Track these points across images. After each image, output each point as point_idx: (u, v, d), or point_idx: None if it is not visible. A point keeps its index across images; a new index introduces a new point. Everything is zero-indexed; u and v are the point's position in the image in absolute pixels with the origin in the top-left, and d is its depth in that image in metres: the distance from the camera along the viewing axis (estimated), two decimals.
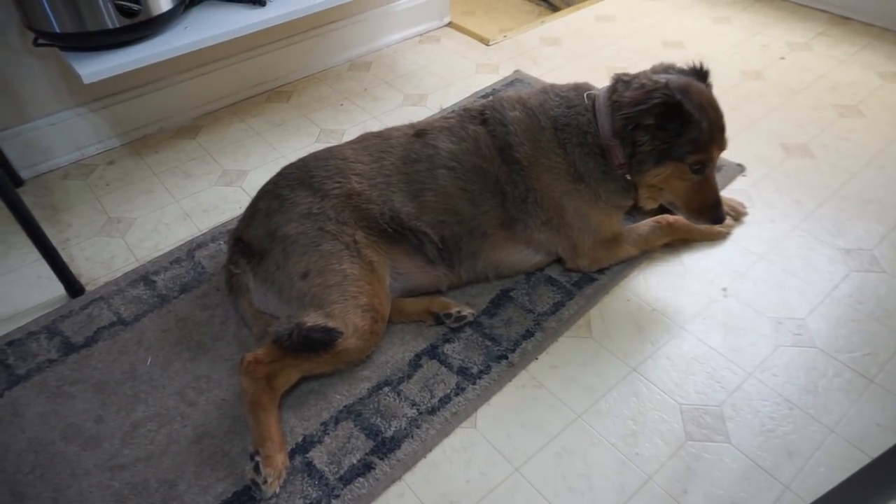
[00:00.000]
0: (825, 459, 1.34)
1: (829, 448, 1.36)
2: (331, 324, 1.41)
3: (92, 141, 2.28)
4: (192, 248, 1.87)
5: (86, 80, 1.67)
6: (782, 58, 2.62)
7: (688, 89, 1.46)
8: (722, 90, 2.42)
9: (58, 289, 1.77)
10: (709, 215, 1.55)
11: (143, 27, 1.75)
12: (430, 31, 2.96)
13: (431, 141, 1.61)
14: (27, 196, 2.08)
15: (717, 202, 1.54)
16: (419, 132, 1.65)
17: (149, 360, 1.58)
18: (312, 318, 1.42)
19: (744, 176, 2.06)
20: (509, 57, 2.74)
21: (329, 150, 1.66)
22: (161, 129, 2.40)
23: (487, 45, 2.84)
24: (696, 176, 1.49)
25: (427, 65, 2.73)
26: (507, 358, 1.54)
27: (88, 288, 1.79)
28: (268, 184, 1.64)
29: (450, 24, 3.00)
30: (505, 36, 2.89)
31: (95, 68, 1.68)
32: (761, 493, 1.29)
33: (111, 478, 1.35)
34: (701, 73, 1.57)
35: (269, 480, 1.29)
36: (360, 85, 2.61)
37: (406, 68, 2.71)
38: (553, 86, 1.67)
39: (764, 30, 2.82)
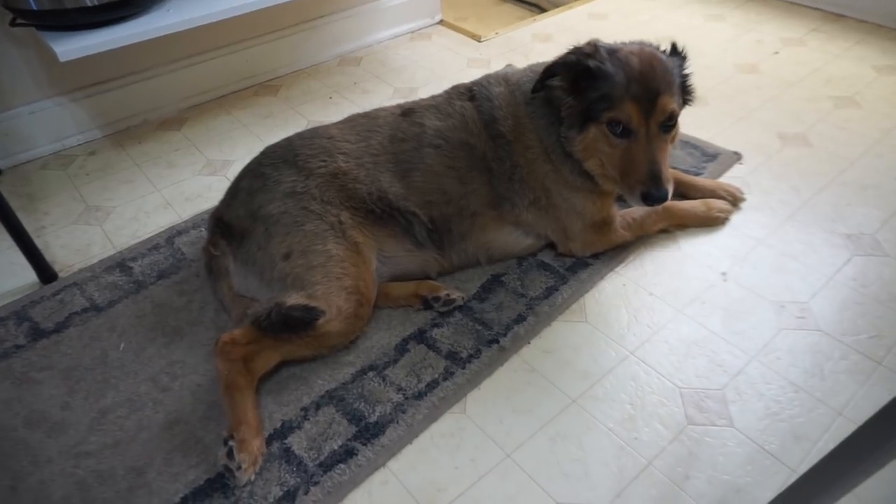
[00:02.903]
0: (834, 443, 1.23)
1: (837, 431, 1.29)
2: (312, 304, 1.34)
3: (73, 132, 2.22)
4: (171, 235, 1.80)
5: (61, 58, 1.62)
6: (776, 52, 2.60)
7: (617, 49, 1.39)
8: (716, 82, 2.40)
9: (30, 276, 1.69)
10: (640, 188, 1.35)
11: (122, 6, 1.71)
12: (421, 28, 2.94)
13: (418, 119, 1.56)
14: (3, 186, 2.01)
15: (651, 175, 1.34)
16: (406, 111, 1.60)
17: (121, 346, 1.50)
18: (294, 299, 1.35)
19: (740, 164, 2.01)
20: (501, 52, 2.71)
21: (315, 129, 1.61)
22: (145, 120, 2.35)
23: (479, 41, 2.81)
24: (621, 140, 1.37)
25: (418, 60, 2.69)
26: (498, 342, 1.47)
27: (62, 275, 1.71)
28: (251, 163, 1.58)
29: (441, 23, 2.98)
30: (497, 33, 2.86)
31: (72, 46, 1.63)
32: (768, 478, 1.22)
33: (75, 465, 1.26)
34: (670, 49, 1.47)
35: (244, 467, 1.20)
36: (350, 79, 2.57)
37: (397, 63, 2.68)
38: (539, 63, 1.63)
39: (757, 27, 2.81)
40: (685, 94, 1.45)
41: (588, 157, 1.45)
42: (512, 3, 3.92)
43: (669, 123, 1.38)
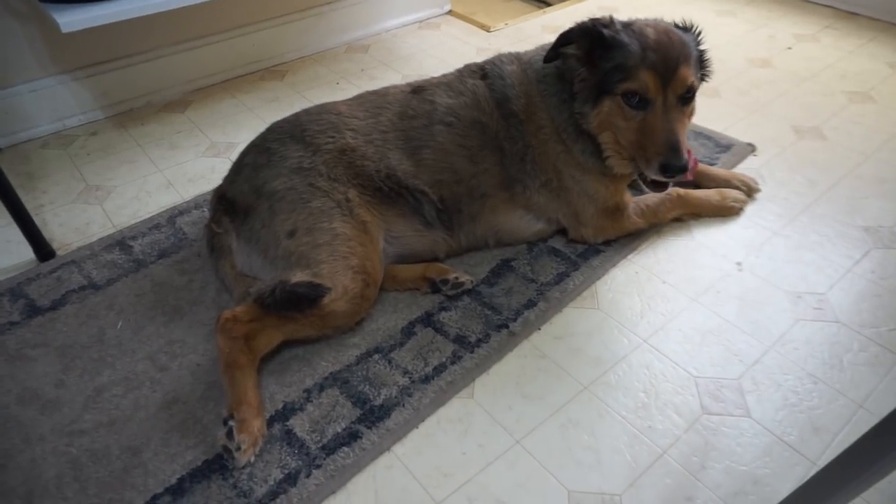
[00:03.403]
0: (855, 435, 1.20)
1: (858, 424, 1.24)
2: (317, 281, 1.30)
3: (74, 111, 2.18)
4: (173, 215, 1.76)
5: (64, 29, 1.58)
6: (789, 48, 2.56)
7: (631, 23, 1.38)
8: (728, 76, 2.37)
9: (27, 253, 1.65)
10: (658, 159, 1.31)
11: None
12: (429, 17, 2.90)
13: (429, 97, 1.52)
14: (2, 164, 1.96)
15: (670, 145, 1.29)
16: (417, 88, 1.56)
17: (119, 324, 1.45)
18: (298, 277, 1.31)
19: (755, 155, 1.97)
20: (510, 43, 2.68)
21: (323, 105, 1.57)
22: (149, 102, 2.31)
23: (489, 31, 2.78)
24: (638, 112, 1.33)
25: (427, 48, 2.66)
26: (507, 327, 1.42)
27: (60, 253, 1.67)
28: (256, 138, 1.54)
29: (450, 13, 2.94)
30: (506, 24, 2.83)
31: (75, 17, 1.60)
32: (787, 469, 1.17)
33: (69, 444, 1.21)
34: (678, 26, 1.44)
35: (243, 447, 1.16)
36: (357, 66, 2.54)
37: (405, 51, 2.64)
38: (550, 43, 1.59)
39: (769, 23, 2.77)
40: (703, 69, 1.42)
41: (602, 130, 1.41)
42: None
43: (688, 96, 1.34)
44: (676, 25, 1.44)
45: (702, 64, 1.42)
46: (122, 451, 1.20)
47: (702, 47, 1.42)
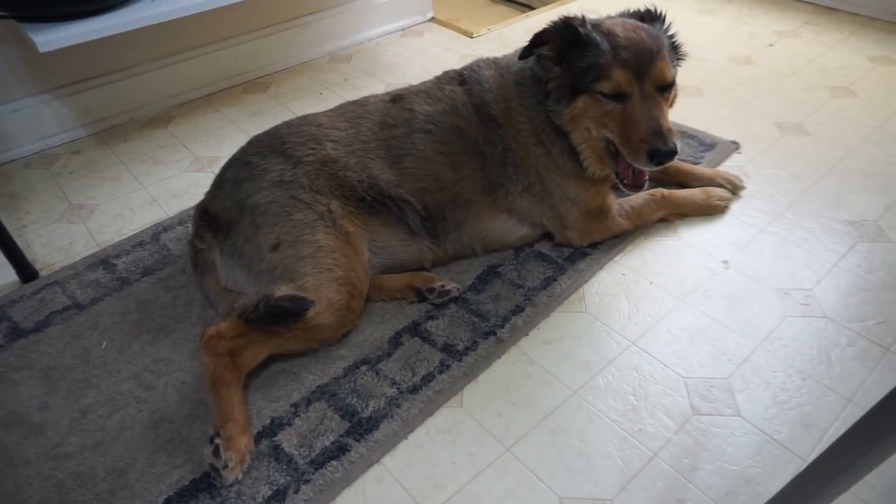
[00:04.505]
0: (845, 430, 1.22)
1: (847, 419, 1.24)
2: (301, 295, 1.29)
3: (57, 130, 2.17)
4: (157, 232, 1.75)
5: (41, 49, 1.57)
6: (771, 45, 2.58)
7: (600, 23, 1.39)
8: (711, 74, 2.38)
9: (10, 275, 1.63)
10: (645, 147, 1.31)
11: None
12: (412, 25, 2.90)
13: (408, 105, 1.52)
14: None
15: (654, 131, 1.30)
16: (396, 97, 1.56)
17: (104, 344, 1.44)
18: (282, 291, 1.30)
19: (739, 153, 1.97)
20: (494, 48, 2.68)
21: (303, 117, 1.56)
22: (131, 118, 2.30)
23: (471, 37, 2.78)
24: (617, 105, 1.34)
25: (410, 56, 2.66)
26: (495, 334, 1.42)
27: (43, 273, 1.65)
28: (237, 152, 1.53)
29: (433, 20, 2.95)
30: (489, 29, 2.83)
31: (52, 36, 1.58)
32: (778, 468, 1.17)
33: (54, 467, 1.20)
34: (647, 15, 1.45)
35: (230, 465, 1.15)
36: (341, 75, 2.53)
37: (388, 60, 2.64)
38: None
39: (750, 20, 2.79)
40: (676, 56, 1.43)
41: (574, 128, 1.42)
42: (503, 3, 3.90)
43: (667, 87, 1.36)
44: (641, 16, 1.45)
45: (675, 50, 1.43)
46: (108, 473, 1.19)
47: (671, 34, 1.43)
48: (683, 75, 2.09)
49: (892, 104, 2.15)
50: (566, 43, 1.37)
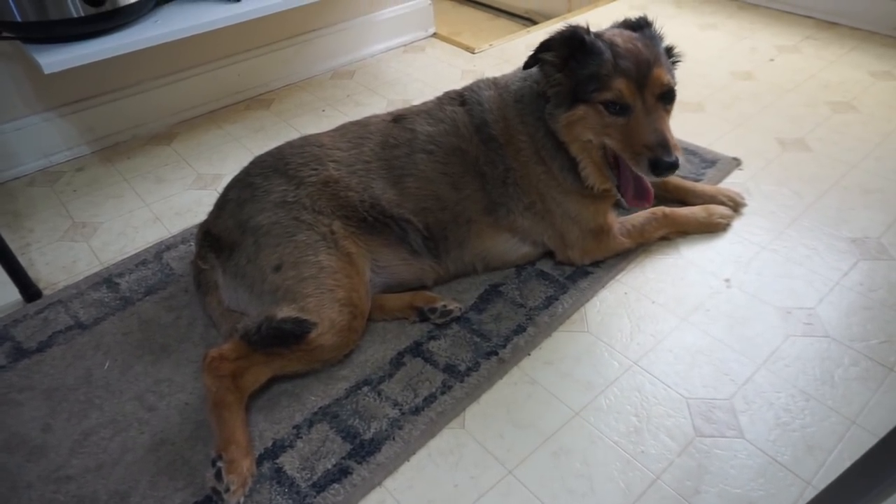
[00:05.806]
0: (849, 453, 1.22)
1: (852, 440, 1.24)
2: (303, 316, 1.29)
3: (60, 148, 2.18)
4: (160, 251, 1.76)
5: (46, 70, 1.58)
6: (772, 59, 2.59)
7: (601, 33, 1.40)
8: (712, 90, 2.39)
9: (13, 294, 1.64)
10: (647, 156, 1.31)
11: (109, 17, 1.68)
12: (414, 41, 2.92)
13: (409, 125, 1.53)
14: None
15: (658, 142, 1.31)
16: (397, 117, 1.57)
17: (106, 365, 1.44)
18: (285, 312, 1.30)
19: (740, 169, 1.98)
20: (495, 63, 2.70)
21: (305, 137, 1.57)
22: (134, 136, 2.31)
23: (473, 53, 2.80)
24: (620, 118, 1.34)
25: (412, 72, 2.67)
26: (497, 354, 1.42)
27: (46, 292, 1.66)
28: (239, 173, 1.54)
29: (435, 35, 2.97)
30: (491, 45, 2.85)
31: (57, 58, 1.60)
32: (782, 490, 1.16)
33: (55, 490, 1.20)
34: (636, 24, 1.46)
35: (232, 488, 1.14)
36: (343, 92, 2.55)
37: (390, 76, 2.65)
38: None
39: (751, 35, 2.80)
40: (672, 58, 1.45)
41: (571, 135, 1.42)
42: (506, 18, 3.93)
43: (668, 95, 1.37)
44: (631, 25, 1.46)
45: (670, 56, 1.44)
46: (110, 496, 1.19)
47: (664, 42, 1.44)
48: (684, 91, 2.11)
49: (893, 120, 2.16)
50: (571, 50, 1.38)
